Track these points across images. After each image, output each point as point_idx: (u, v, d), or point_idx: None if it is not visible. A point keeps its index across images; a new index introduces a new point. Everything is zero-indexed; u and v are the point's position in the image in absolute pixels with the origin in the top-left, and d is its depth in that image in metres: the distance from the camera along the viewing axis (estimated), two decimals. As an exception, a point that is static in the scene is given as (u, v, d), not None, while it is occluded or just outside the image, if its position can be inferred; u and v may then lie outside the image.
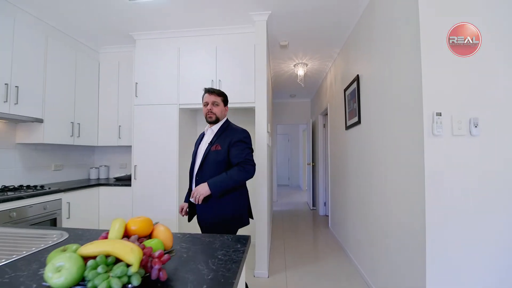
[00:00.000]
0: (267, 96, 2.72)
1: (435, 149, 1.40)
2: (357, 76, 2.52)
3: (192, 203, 1.59)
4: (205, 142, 1.60)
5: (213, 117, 1.58)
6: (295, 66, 3.88)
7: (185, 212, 1.65)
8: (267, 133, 2.66)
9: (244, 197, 1.61)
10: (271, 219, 4.18)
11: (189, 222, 1.70)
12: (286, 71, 4.14)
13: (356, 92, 2.54)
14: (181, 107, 2.72)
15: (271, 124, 4.24)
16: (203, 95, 1.62)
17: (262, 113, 2.54)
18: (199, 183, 1.48)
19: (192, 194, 1.42)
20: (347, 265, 2.67)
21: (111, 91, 3.14)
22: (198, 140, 1.69)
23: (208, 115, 1.58)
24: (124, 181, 2.94)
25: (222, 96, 1.63)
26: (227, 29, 2.74)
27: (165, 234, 0.71)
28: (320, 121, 4.86)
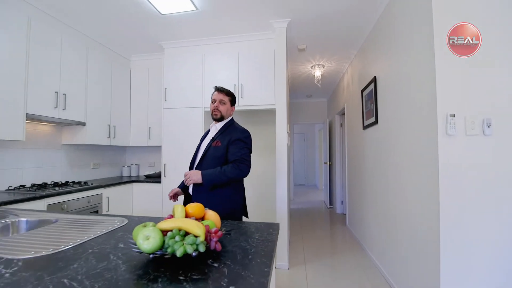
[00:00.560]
0: (286, 98, 2.87)
1: (449, 149, 1.49)
2: (374, 78, 2.61)
3: (189, 194, 1.63)
4: (208, 138, 1.67)
5: (218, 115, 1.64)
6: (312, 68, 3.99)
7: (174, 197, 1.66)
8: (287, 134, 2.80)
9: (239, 195, 1.62)
10: (289, 217, 4.31)
11: None
12: (303, 72, 4.25)
13: (373, 93, 2.62)
14: (206, 110, 2.92)
15: (289, 125, 4.37)
16: (213, 93, 1.69)
17: (282, 115, 2.69)
18: None
19: (185, 175, 1.49)
20: (364, 260, 2.76)
21: (141, 96, 3.42)
22: (203, 136, 1.78)
23: (214, 112, 1.64)
24: (154, 178, 3.19)
25: (230, 96, 1.69)
26: (248, 36, 2.91)
27: (215, 217, 0.89)
28: (337, 121, 4.93)
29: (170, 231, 0.72)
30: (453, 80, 1.51)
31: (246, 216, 1.68)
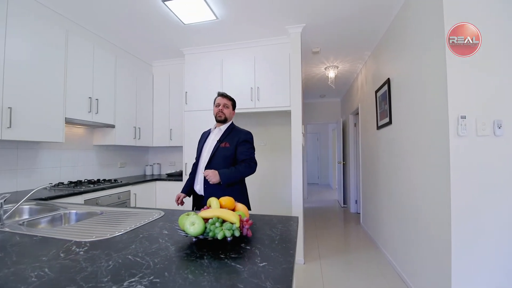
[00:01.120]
0: (301, 100, 2.98)
1: (460, 149, 1.56)
2: (388, 80, 2.67)
3: (197, 195, 1.81)
4: (212, 140, 1.82)
5: (223, 117, 1.82)
6: (326, 69, 4.07)
7: (181, 202, 1.87)
8: (302, 134, 2.92)
9: (245, 191, 1.85)
10: (303, 214, 4.41)
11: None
12: (317, 74, 4.34)
13: (387, 94, 2.69)
14: (224, 112, 3.08)
15: (303, 125, 4.47)
16: (216, 98, 1.87)
17: (297, 116, 2.80)
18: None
19: (206, 174, 1.62)
20: (379, 257, 2.83)
21: (163, 99, 3.63)
22: (204, 138, 1.91)
23: (218, 115, 1.81)
24: (175, 177, 3.39)
25: (232, 101, 1.89)
26: (264, 41, 3.05)
27: (244, 209, 1.03)
28: (351, 120, 4.97)
29: (210, 219, 0.87)
30: (464, 82, 1.57)
31: (249, 209, 1.80)
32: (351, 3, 2.35)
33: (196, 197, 1.85)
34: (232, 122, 1.92)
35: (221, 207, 1.01)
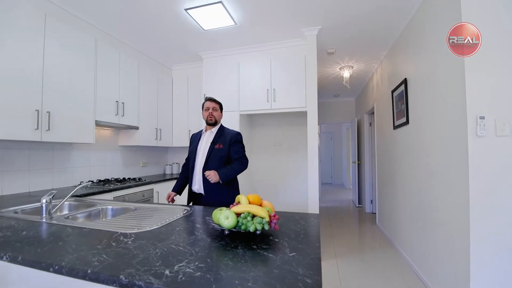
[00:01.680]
0: (316, 101, 3.04)
1: (479, 149, 1.57)
2: (405, 79, 2.68)
3: (194, 193, 1.96)
4: (205, 142, 1.95)
5: (213, 119, 1.94)
6: (341, 69, 4.08)
7: (172, 200, 2.06)
8: (317, 134, 2.97)
9: (238, 187, 2.03)
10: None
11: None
12: (331, 74, 4.36)
13: (404, 94, 2.69)
14: (241, 113, 3.19)
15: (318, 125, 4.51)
16: (204, 103, 1.99)
17: (313, 117, 2.86)
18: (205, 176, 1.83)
19: (208, 174, 1.75)
20: (395, 256, 2.85)
21: (182, 101, 3.78)
22: (196, 140, 2.02)
23: (209, 118, 1.93)
24: (194, 176, 3.53)
25: (219, 104, 2.01)
26: (280, 44, 3.12)
27: (270, 206, 1.12)
28: (366, 120, 4.95)
29: (242, 214, 0.96)
30: (483, 82, 1.59)
31: None
32: (368, 3, 2.37)
33: (194, 195, 1.98)
34: (221, 124, 2.04)
35: (250, 203, 1.10)
